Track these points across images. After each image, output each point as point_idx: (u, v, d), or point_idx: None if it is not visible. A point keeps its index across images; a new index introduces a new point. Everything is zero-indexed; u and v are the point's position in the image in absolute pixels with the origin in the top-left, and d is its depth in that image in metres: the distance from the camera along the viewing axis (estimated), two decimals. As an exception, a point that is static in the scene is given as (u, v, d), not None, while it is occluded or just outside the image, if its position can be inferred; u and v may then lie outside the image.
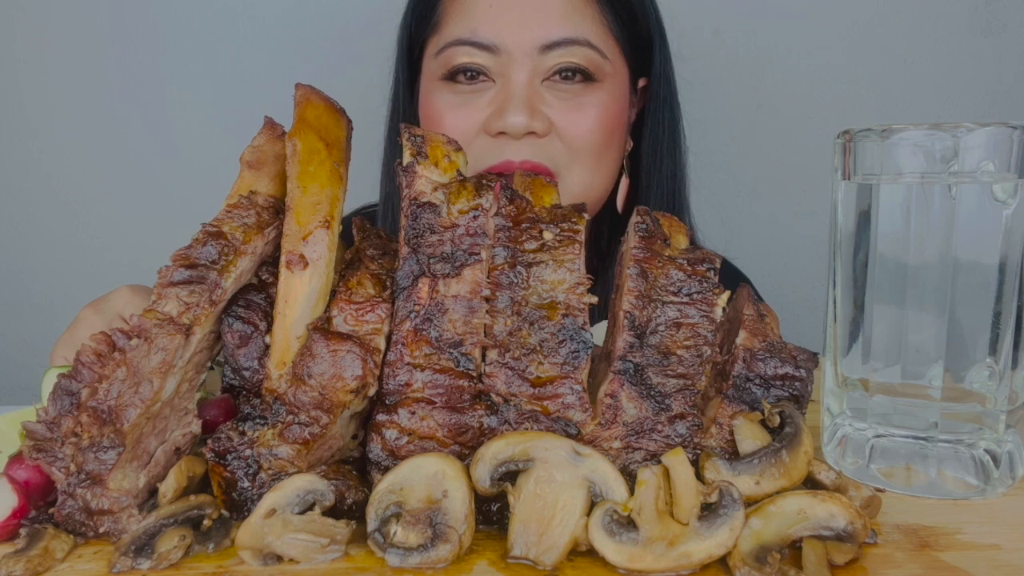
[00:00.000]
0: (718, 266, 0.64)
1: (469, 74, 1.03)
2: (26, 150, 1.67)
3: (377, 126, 0.94)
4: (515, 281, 0.61)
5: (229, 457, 0.57)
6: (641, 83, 1.16)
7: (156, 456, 0.59)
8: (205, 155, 1.55)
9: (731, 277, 1.24)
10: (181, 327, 0.57)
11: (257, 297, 0.62)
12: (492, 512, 0.59)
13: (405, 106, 1.15)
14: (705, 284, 0.63)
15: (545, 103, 1.01)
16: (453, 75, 1.03)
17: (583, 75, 1.02)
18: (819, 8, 1.67)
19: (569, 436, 0.59)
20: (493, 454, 0.57)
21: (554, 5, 1.01)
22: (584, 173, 1.04)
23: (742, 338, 0.64)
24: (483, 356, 0.61)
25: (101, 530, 0.57)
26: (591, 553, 0.54)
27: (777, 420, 0.61)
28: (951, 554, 0.55)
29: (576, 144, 1.02)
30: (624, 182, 1.15)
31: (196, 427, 0.62)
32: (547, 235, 0.62)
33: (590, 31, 1.02)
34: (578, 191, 1.05)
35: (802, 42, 1.67)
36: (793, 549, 0.55)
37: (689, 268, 0.63)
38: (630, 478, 0.57)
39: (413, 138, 0.62)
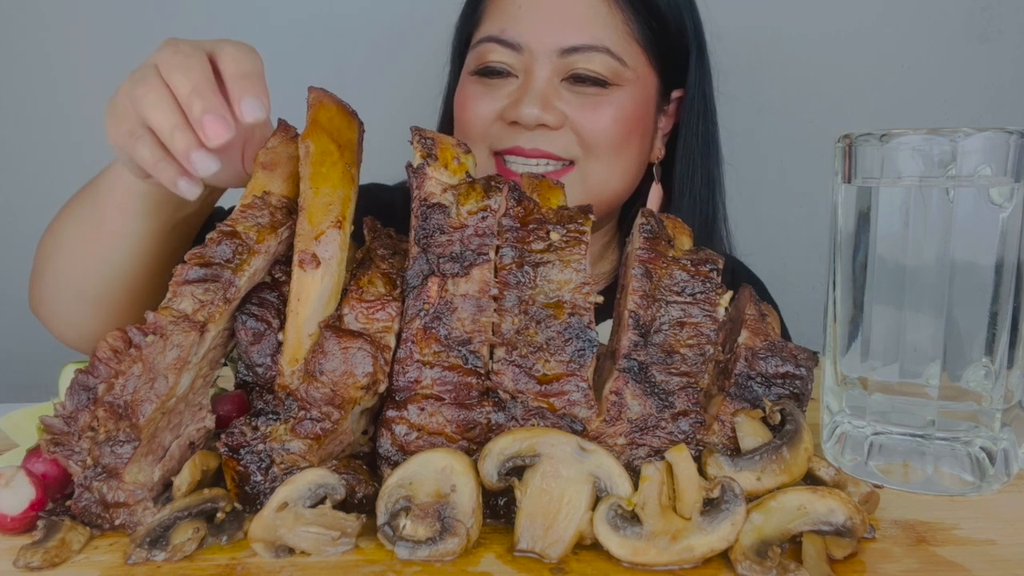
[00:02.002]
0: (720, 266, 0.65)
1: (495, 73, 1.08)
2: (45, 152, 1.68)
3: (388, 128, 0.96)
4: (522, 280, 0.62)
5: (242, 451, 0.58)
6: (677, 94, 1.18)
7: (171, 450, 0.60)
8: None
9: (749, 282, 1.25)
10: (196, 324, 0.58)
11: (270, 295, 0.63)
12: (499, 506, 0.60)
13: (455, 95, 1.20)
14: (708, 284, 0.64)
15: (561, 99, 1.05)
16: (481, 71, 1.09)
17: (599, 82, 1.06)
18: (819, 15, 1.68)
19: (575, 432, 0.60)
20: (500, 450, 0.58)
21: (578, 12, 1.06)
22: (600, 166, 1.08)
23: (744, 337, 0.65)
24: (491, 354, 0.62)
25: (117, 522, 0.58)
26: (596, 547, 0.55)
27: (778, 417, 0.62)
28: (948, 549, 0.56)
29: (590, 140, 1.06)
30: (655, 189, 1.17)
31: (210, 422, 0.63)
32: (554, 236, 0.63)
33: (610, 39, 1.06)
34: (594, 182, 1.08)
35: (802, 48, 1.69)
36: (793, 543, 0.56)
37: (692, 269, 0.64)
38: (634, 474, 0.58)
39: (423, 140, 0.64)
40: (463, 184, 0.63)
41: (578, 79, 1.05)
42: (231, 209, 1.01)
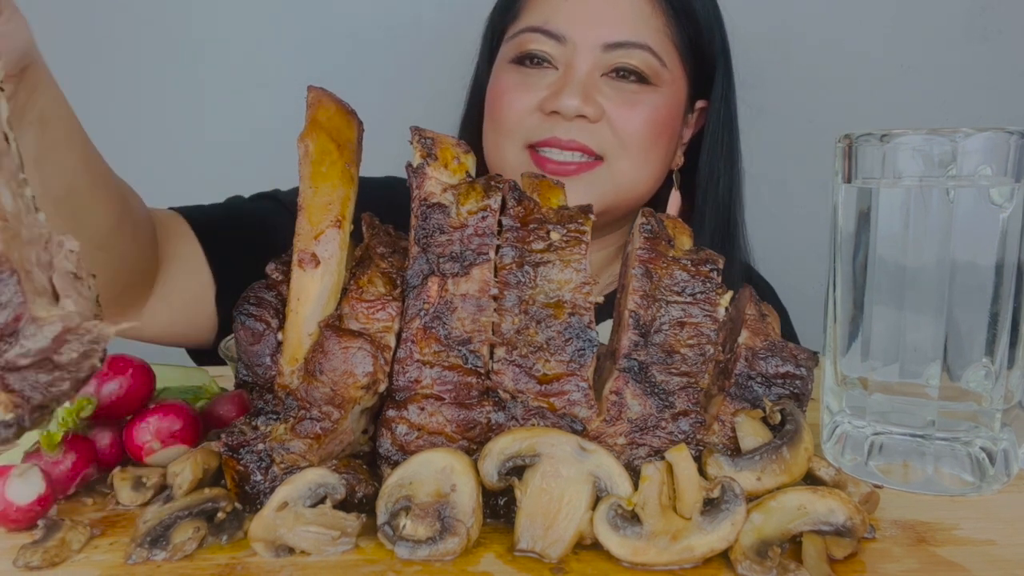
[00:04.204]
0: (721, 266, 0.65)
1: (536, 60, 1.09)
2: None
3: (387, 128, 0.96)
4: (523, 280, 0.62)
5: (242, 451, 0.58)
6: (700, 104, 1.20)
7: (60, 286, 0.48)
8: (219, 156, 1.56)
9: (762, 290, 1.26)
10: None
11: (268, 295, 0.63)
12: (499, 506, 0.60)
13: (483, 91, 1.20)
14: (708, 284, 0.64)
15: (601, 94, 1.06)
16: (521, 59, 1.10)
17: (640, 77, 1.08)
18: (819, 15, 1.68)
19: (575, 432, 0.60)
20: (500, 449, 0.58)
21: (623, 9, 1.08)
22: (631, 164, 1.09)
23: (744, 337, 0.65)
24: (491, 353, 0.62)
25: (76, 355, 0.45)
26: (596, 547, 0.55)
27: (778, 417, 0.62)
28: (948, 549, 0.56)
29: (625, 137, 1.07)
30: (675, 196, 1.19)
31: (70, 244, 0.51)
32: (554, 235, 0.63)
33: (652, 38, 1.08)
34: (623, 181, 1.10)
35: (802, 49, 1.69)
36: (793, 543, 0.56)
37: (693, 268, 0.64)
38: (634, 473, 0.58)
39: (423, 140, 0.64)
40: (463, 184, 0.63)
41: (620, 72, 1.06)
42: (254, 195, 0.98)
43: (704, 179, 1.19)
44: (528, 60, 1.09)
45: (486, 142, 1.15)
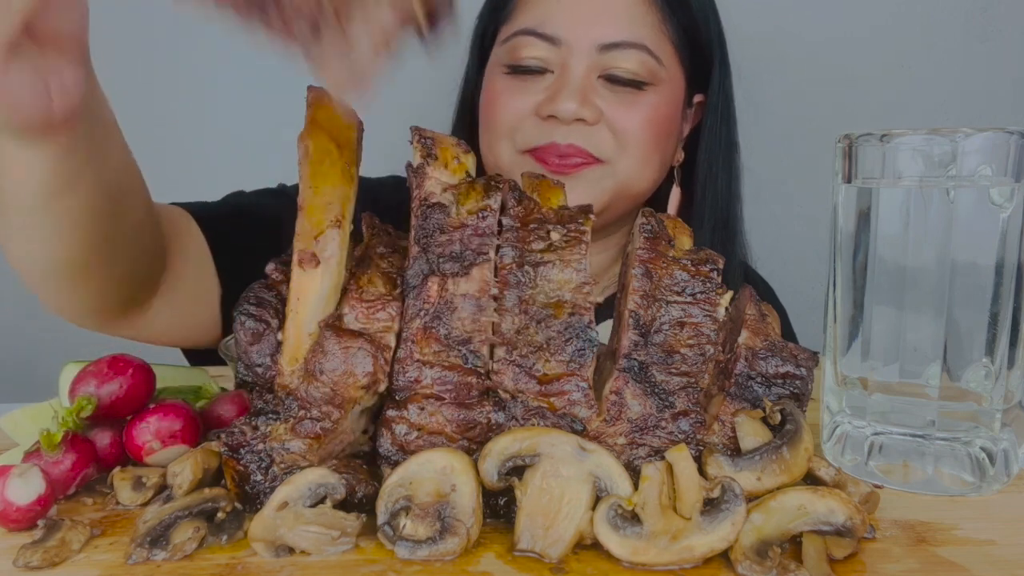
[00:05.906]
0: (721, 266, 0.65)
1: (531, 68, 1.08)
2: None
3: (387, 127, 0.96)
4: (523, 280, 0.62)
5: (242, 451, 0.58)
6: (698, 99, 1.19)
7: None
8: (219, 156, 1.56)
9: (760, 289, 1.26)
10: None
11: (268, 295, 0.63)
12: (499, 506, 0.60)
13: (474, 92, 1.19)
14: (708, 284, 0.64)
15: (598, 95, 1.05)
16: (515, 67, 1.08)
17: (636, 82, 1.07)
18: (818, 15, 1.68)
19: (575, 432, 0.60)
20: (500, 449, 0.58)
21: (618, 8, 1.07)
22: (632, 164, 1.08)
23: (744, 337, 0.65)
24: (491, 353, 0.62)
25: None
26: (596, 546, 0.55)
27: (778, 418, 0.62)
28: (948, 549, 0.56)
29: (625, 138, 1.07)
30: (676, 192, 1.18)
31: None
32: (554, 235, 0.63)
33: (648, 37, 1.07)
34: (624, 179, 1.09)
35: (802, 48, 1.69)
36: (793, 543, 0.56)
37: (693, 268, 0.64)
38: (634, 473, 0.58)
39: (423, 140, 0.64)
40: (463, 184, 0.63)
41: (615, 80, 1.06)
42: (259, 191, 0.96)
43: (703, 174, 1.18)
44: (523, 68, 1.08)
45: (482, 145, 1.14)
